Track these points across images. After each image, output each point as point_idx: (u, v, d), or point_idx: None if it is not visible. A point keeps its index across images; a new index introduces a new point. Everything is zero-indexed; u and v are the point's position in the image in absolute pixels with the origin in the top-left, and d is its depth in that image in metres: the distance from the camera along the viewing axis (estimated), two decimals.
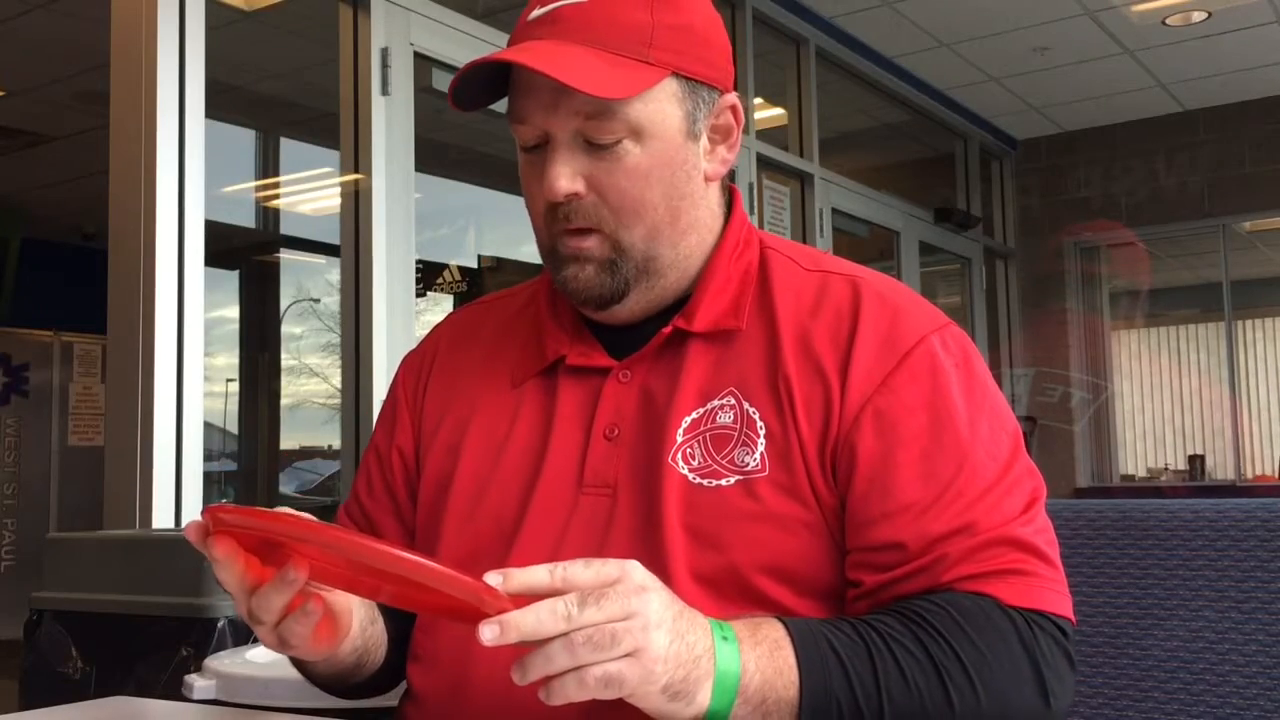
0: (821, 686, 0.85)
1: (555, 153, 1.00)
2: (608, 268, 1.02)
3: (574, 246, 1.02)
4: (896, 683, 0.86)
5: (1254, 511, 1.23)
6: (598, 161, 1.00)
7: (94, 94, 5.32)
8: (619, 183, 1.00)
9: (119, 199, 2.78)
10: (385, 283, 3.27)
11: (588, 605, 0.77)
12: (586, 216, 1.01)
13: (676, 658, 0.80)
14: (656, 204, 1.02)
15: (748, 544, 0.95)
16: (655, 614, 0.79)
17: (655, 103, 1.01)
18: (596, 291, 1.03)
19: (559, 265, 1.04)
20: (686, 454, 0.99)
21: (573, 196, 1.00)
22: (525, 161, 1.05)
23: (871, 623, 0.90)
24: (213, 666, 1.60)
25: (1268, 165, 6.64)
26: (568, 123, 0.99)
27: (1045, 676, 0.91)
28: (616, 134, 0.99)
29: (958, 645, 0.88)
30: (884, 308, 1.02)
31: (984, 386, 1.02)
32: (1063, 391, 7.12)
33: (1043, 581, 0.94)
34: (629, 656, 0.78)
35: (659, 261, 1.04)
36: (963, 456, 0.95)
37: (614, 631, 0.77)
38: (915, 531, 0.93)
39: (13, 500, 7.18)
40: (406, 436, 1.15)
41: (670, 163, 1.02)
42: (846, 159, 6.25)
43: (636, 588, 0.79)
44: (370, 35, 3.31)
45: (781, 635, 0.87)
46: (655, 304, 1.07)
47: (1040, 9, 5.28)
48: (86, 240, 8.23)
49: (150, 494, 2.64)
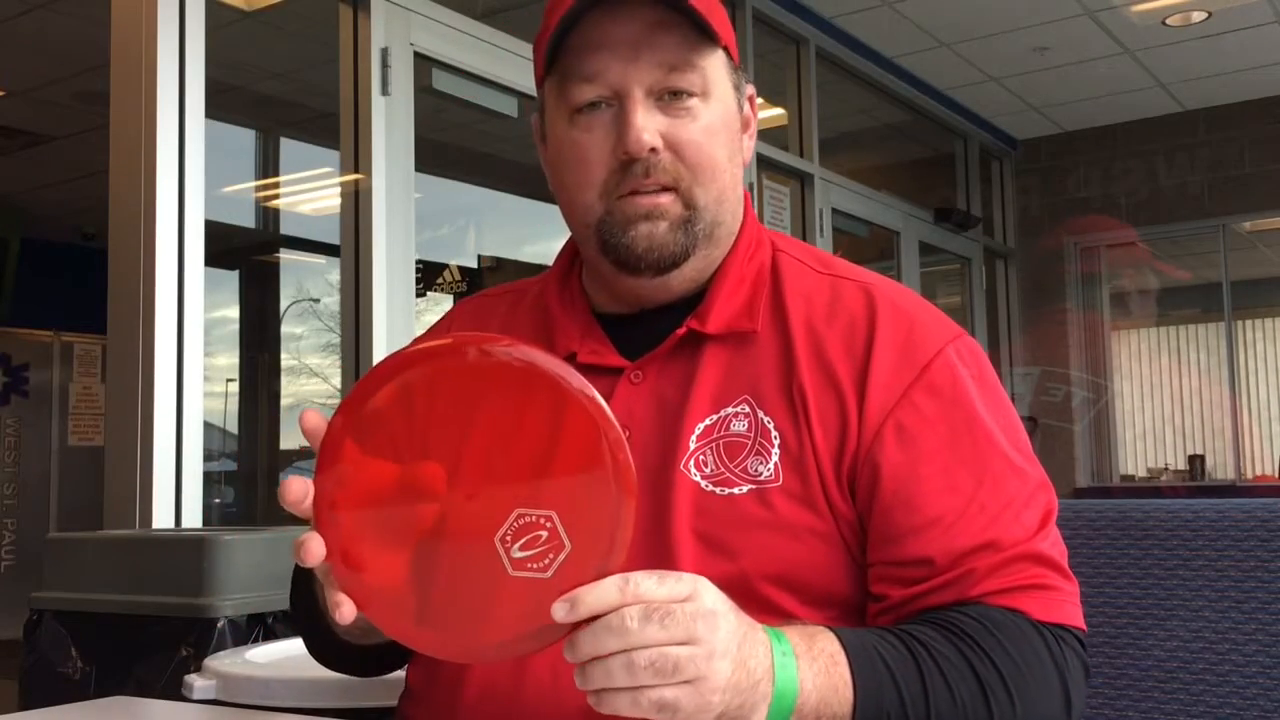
0: (875, 705, 0.85)
1: (634, 106, 0.99)
2: (681, 225, 1.01)
3: (649, 203, 1.00)
4: (943, 697, 0.87)
5: (1254, 511, 1.23)
6: (673, 119, 1.00)
7: (94, 94, 5.32)
8: (696, 138, 1.01)
9: (119, 199, 2.78)
10: (385, 283, 3.27)
11: (651, 621, 0.75)
12: (665, 173, 1.00)
13: (735, 686, 0.78)
14: (724, 165, 1.03)
15: (758, 552, 0.95)
16: (722, 643, 0.77)
17: (716, 69, 1.03)
18: (670, 250, 1.01)
19: (625, 227, 1.01)
20: (699, 461, 0.98)
21: (654, 151, 1.00)
22: (579, 127, 1.02)
23: (916, 635, 0.90)
24: (213, 666, 1.60)
25: (1268, 165, 6.64)
26: (648, 75, 0.99)
27: (1070, 688, 0.92)
28: (694, 87, 1.00)
29: (998, 659, 0.89)
30: (900, 318, 1.02)
31: (999, 397, 1.02)
32: (1063, 391, 7.12)
33: (1064, 595, 0.95)
34: (688, 684, 0.76)
35: (722, 228, 1.05)
36: (984, 469, 0.96)
37: (677, 660, 0.75)
38: (942, 546, 0.93)
39: (13, 500, 7.18)
40: None
41: (730, 128, 1.04)
42: (846, 159, 6.25)
43: (707, 612, 0.77)
44: (370, 35, 3.31)
45: (837, 649, 0.86)
46: (695, 280, 1.06)
47: (1040, 9, 5.28)
48: (86, 240, 8.22)
49: (150, 494, 2.64)
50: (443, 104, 3.84)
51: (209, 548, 1.96)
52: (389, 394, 0.78)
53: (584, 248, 1.08)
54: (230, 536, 2.00)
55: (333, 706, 1.44)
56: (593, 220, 1.03)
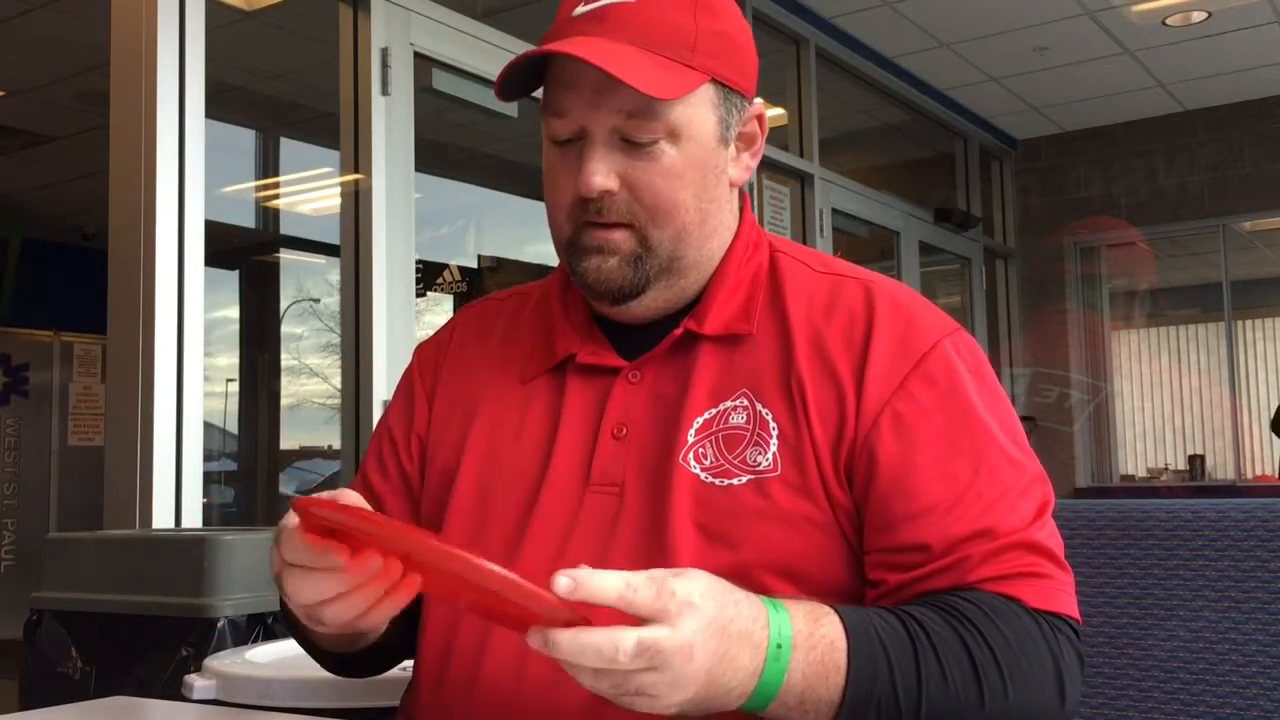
0: (867, 691, 0.86)
1: (592, 149, 1.00)
2: (631, 262, 1.03)
3: (600, 238, 1.02)
4: (936, 682, 0.88)
5: (1254, 511, 1.23)
6: (634, 160, 1.01)
7: (94, 94, 5.32)
8: (654, 182, 1.01)
9: (119, 199, 2.78)
10: (385, 283, 3.27)
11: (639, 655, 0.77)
12: (618, 212, 1.02)
13: (697, 701, 0.81)
14: (688, 205, 1.03)
15: (758, 542, 0.96)
16: (690, 674, 0.79)
17: (693, 106, 1.02)
18: (617, 284, 1.03)
19: (580, 256, 1.04)
20: (699, 454, 1.00)
21: (606, 193, 1.01)
22: (555, 154, 1.05)
23: (916, 615, 0.91)
24: (213, 666, 1.60)
25: (1268, 165, 6.64)
26: (608, 120, 1.00)
27: (1064, 676, 0.93)
28: (655, 134, 1.00)
29: (993, 643, 0.90)
30: (898, 312, 1.03)
31: (995, 390, 1.03)
32: (1062, 392, 7.11)
33: (1058, 585, 0.96)
34: (648, 697, 0.79)
35: (683, 262, 1.05)
36: (980, 458, 0.97)
37: (640, 684, 0.78)
38: (939, 533, 0.95)
39: (13, 500, 7.17)
40: (424, 423, 1.15)
41: (702, 166, 1.04)
42: (846, 159, 6.25)
43: (681, 645, 0.78)
44: (370, 35, 3.31)
45: (838, 634, 0.87)
46: (672, 303, 1.07)
47: (1040, 9, 5.28)
48: (86, 240, 8.22)
49: (150, 494, 2.64)
50: (443, 104, 3.84)
51: (209, 548, 1.96)
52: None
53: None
54: (230, 536, 2.00)
55: (333, 706, 1.44)
56: (562, 241, 1.06)
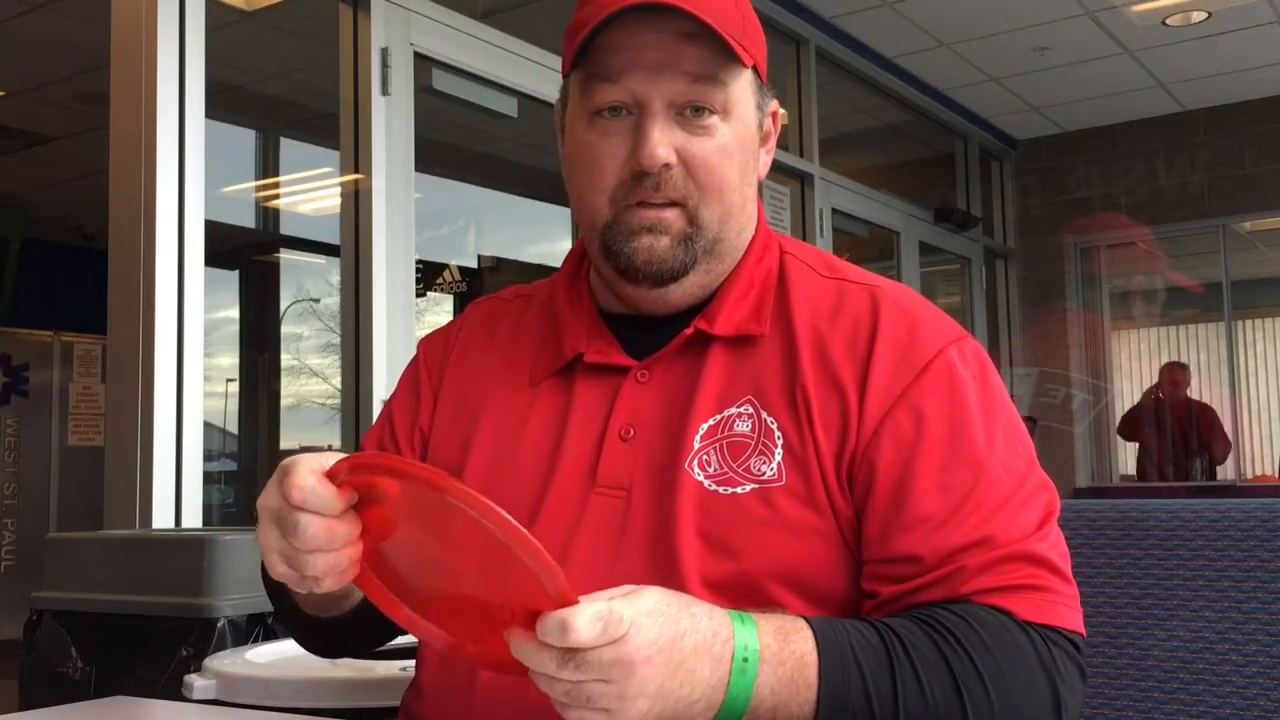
0: (840, 705, 0.85)
1: (652, 120, 1.00)
2: (682, 241, 1.02)
3: (652, 217, 1.01)
4: (914, 696, 0.86)
5: (1254, 511, 1.23)
6: (690, 135, 1.01)
7: (94, 94, 5.32)
8: (710, 158, 1.01)
9: (119, 199, 2.78)
10: (385, 283, 3.27)
11: (567, 666, 0.77)
12: (675, 188, 1.01)
13: (662, 717, 0.80)
14: (735, 186, 1.03)
15: (761, 551, 0.95)
16: (635, 685, 0.79)
17: (741, 88, 1.03)
18: (669, 264, 1.02)
19: (627, 237, 1.02)
20: (703, 461, 0.99)
21: (666, 167, 1.00)
22: (595, 131, 1.03)
23: (895, 629, 0.90)
24: (213, 666, 1.60)
25: (1268, 165, 6.64)
26: (671, 88, 0.99)
27: (1060, 691, 0.91)
28: (715, 104, 1.00)
29: (977, 658, 0.88)
30: (902, 319, 1.02)
31: (1000, 399, 1.02)
32: (1063, 392, 7.11)
33: (1058, 597, 0.94)
34: (605, 710, 0.79)
35: (723, 245, 1.05)
36: (980, 469, 0.96)
37: (590, 694, 0.78)
38: (933, 544, 0.93)
39: (13, 500, 7.17)
40: (428, 417, 1.14)
41: (746, 149, 1.04)
42: (846, 159, 6.25)
43: (624, 659, 0.78)
44: (370, 35, 3.31)
45: (809, 649, 0.86)
46: (703, 291, 1.06)
47: (1040, 9, 5.28)
48: (86, 240, 8.22)
49: (150, 494, 2.64)
50: (443, 104, 3.84)
51: (209, 548, 1.96)
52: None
53: (590, 248, 1.09)
54: (230, 536, 2.00)
55: (333, 706, 1.44)
56: (599, 224, 1.04)
